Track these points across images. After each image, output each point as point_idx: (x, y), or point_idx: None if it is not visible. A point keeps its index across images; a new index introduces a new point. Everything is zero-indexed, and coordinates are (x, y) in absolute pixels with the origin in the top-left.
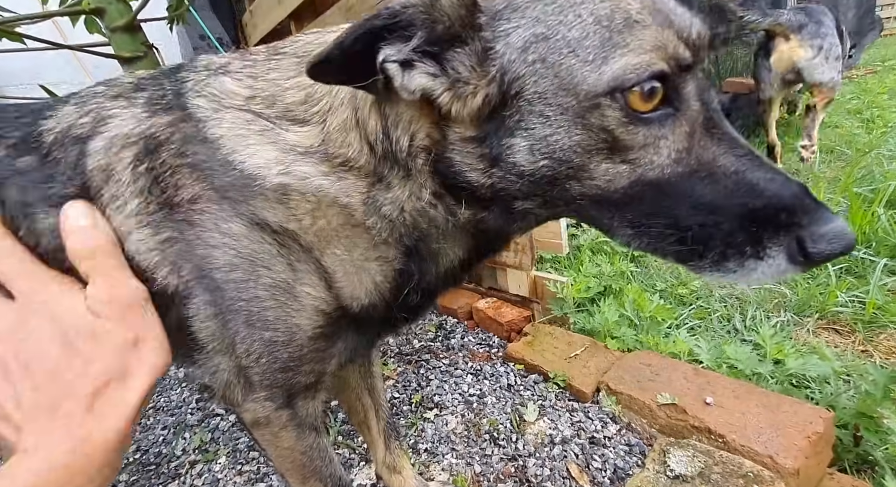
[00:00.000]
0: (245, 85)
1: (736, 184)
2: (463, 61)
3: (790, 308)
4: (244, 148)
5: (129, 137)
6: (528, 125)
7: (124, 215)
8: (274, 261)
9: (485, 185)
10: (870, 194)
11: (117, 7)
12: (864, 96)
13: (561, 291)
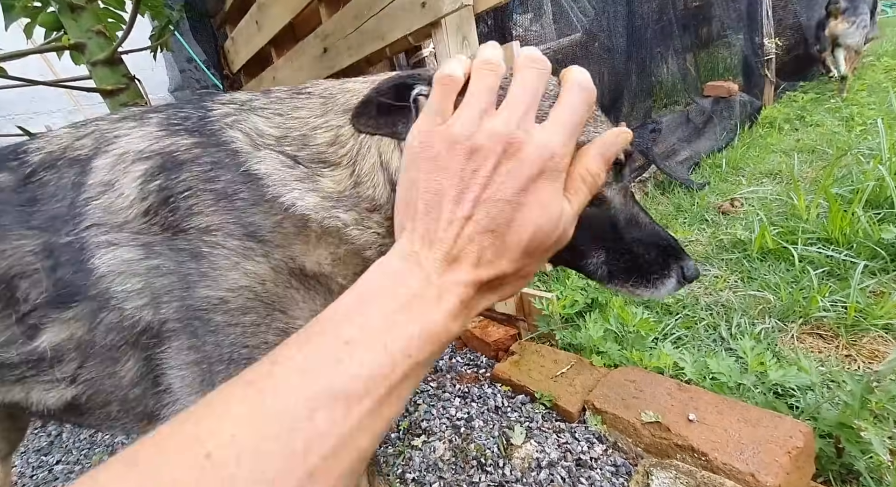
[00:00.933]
0: (274, 124)
1: (650, 230)
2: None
3: (774, 314)
4: (289, 191)
5: (142, 152)
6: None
7: (117, 227)
8: (293, 306)
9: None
10: (849, 195)
11: (97, 41)
12: (844, 93)
13: (547, 307)
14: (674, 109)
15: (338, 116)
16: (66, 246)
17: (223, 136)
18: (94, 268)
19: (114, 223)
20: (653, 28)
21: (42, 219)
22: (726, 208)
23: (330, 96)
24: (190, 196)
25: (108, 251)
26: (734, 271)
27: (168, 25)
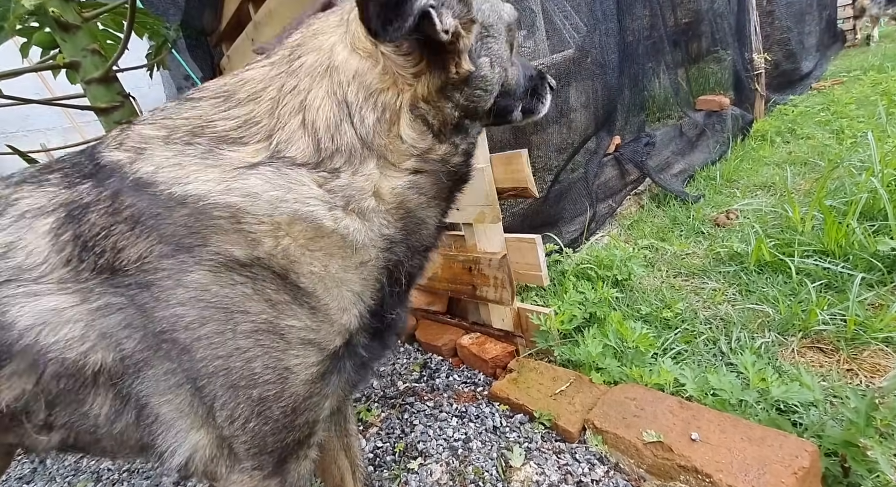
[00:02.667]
0: (160, 126)
1: (529, 65)
2: (456, 4)
3: (774, 328)
4: (179, 179)
5: (43, 208)
6: (489, 46)
7: (34, 281)
8: (250, 302)
9: (460, 105)
10: (843, 207)
11: (92, 60)
12: (833, 107)
13: (545, 323)
14: (666, 122)
15: (241, 107)
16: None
17: (107, 160)
18: (13, 322)
19: (28, 278)
20: (644, 44)
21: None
22: (722, 221)
23: (224, 94)
24: (108, 235)
25: (27, 303)
26: (732, 284)
27: (164, 44)
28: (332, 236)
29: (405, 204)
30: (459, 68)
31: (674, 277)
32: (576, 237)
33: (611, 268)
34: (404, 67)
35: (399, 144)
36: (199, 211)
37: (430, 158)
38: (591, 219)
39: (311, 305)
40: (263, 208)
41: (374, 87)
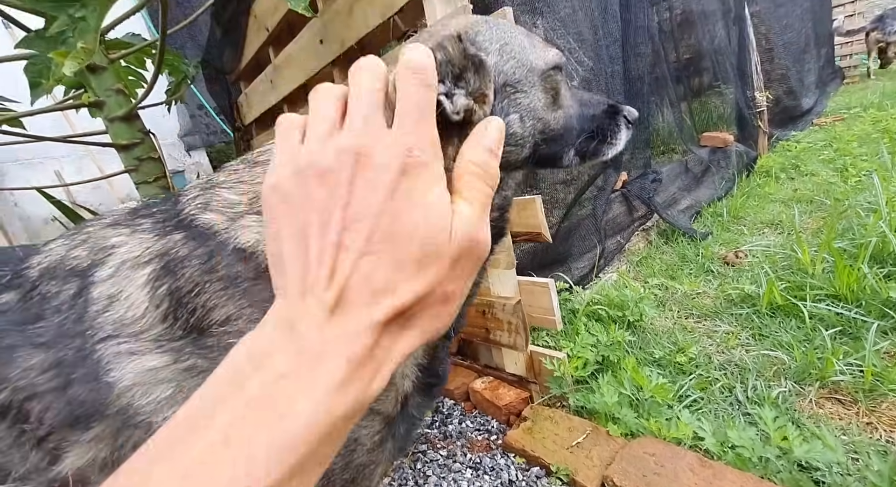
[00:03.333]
0: (240, 192)
1: (594, 101)
2: (471, 79)
3: (790, 376)
4: None
5: (140, 257)
6: (517, 102)
7: (135, 337)
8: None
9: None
10: (853, 249)
11: (116, 99)
12: (835, 144)
13: (558, 368)
14: (671, 157)
15: None
16: (79, 362)
17: (200, 221)
18: (114, 382)
19: (130, 333)
20: (648, 81)
21: (49, 336)
22: (731, 259)
23: None
24: (200, 293)
25: (129, 362)
26: (745, 328)
27: (184, 80)
28: None
29: None
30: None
31: (685, 318)
32: (585, 274)
33: (622, 308)
34: None
35: None
36: None
37: None
38: (600, 256)
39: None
40: None
41: None
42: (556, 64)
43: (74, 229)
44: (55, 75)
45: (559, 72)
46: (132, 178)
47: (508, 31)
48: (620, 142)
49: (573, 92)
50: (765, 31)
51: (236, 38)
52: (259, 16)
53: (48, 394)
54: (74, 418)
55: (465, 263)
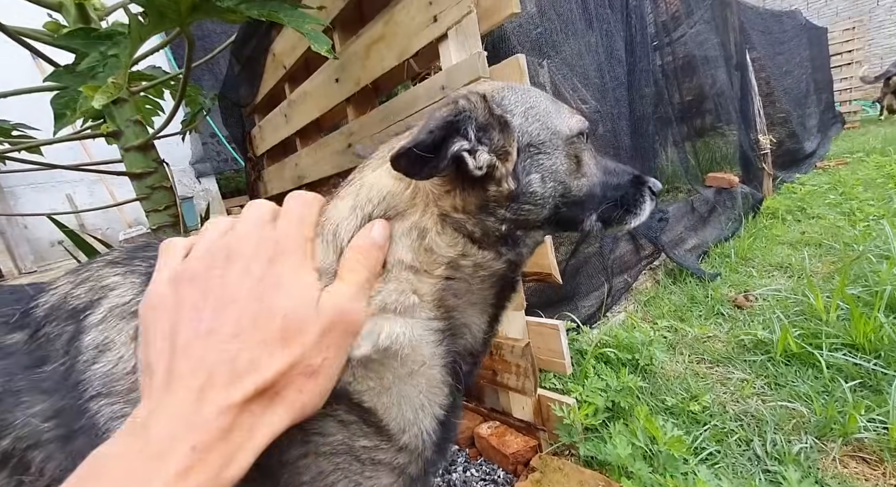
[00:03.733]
0: None
1: (619, 171)
2: (495, 137)
3: (810, 431)
4: None
5: (129, 305)
6: (539, 162)
7: (124, 396)
8: (324, 424)
9: (507, 219)
10: (867, 297)
11: (133, 130)
12: (840, 187)
13: (568, 415)
14: (676, 196)
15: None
16: (78, 413)
17: None
18: None
19: (120, 391)
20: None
21: (51, 381)
22: (741, 302)
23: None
24: None
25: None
26: (759, 376)
27: (200, 112)
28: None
29: (444, 302)
30: (500, 187)
31: (697, 363)
32: (593, 313)
33: (631, 351)
34: (438, 185)
35: (428, 255)
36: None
37: (462, 265)
38: (608, 294)
39: (378, 424)
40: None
41: (399, 207)
42: (581, 131)
43: (83, 265)
44: (82, 108)
45: (584, 139)
46: (143, 206)
47: (534, 97)
48: (645, 212)
49: (598, 160)
50: (765, 76)
51: (254, 73)
52: (277, 54)
53: (51, 444)
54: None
55: (334, 335)
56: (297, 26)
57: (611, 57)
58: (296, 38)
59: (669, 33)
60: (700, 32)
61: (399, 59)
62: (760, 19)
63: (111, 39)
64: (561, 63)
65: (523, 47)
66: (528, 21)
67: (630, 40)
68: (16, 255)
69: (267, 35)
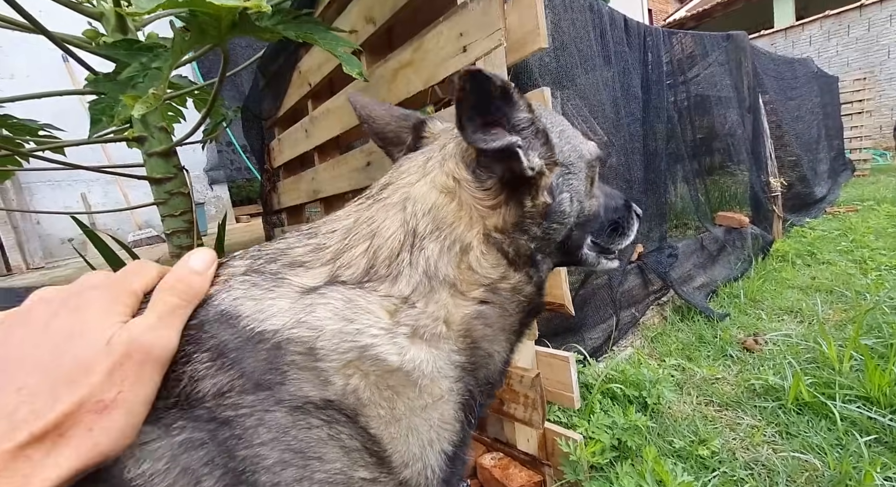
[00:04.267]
0: (248, 257)
1: (617, 195)
2: (541, 148)
3: (824, 485)
4: (259, 311)
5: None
6: (570, 182)
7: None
8: (325, 448)
9: (536, 238)
10: (882, 349)
11: (158, 136)
12: (851, 234)
13: (574, 451)
14: (685, 233)
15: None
16: None
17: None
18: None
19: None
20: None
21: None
22: (750, 345)
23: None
24: (188, 362)
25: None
26: (770, 423)
27: (221, 122)
28: (397, 373)
29: (471, 333)
30: (536, 201)
31: (705, 405)
32: (599, 345)
33: (638, 388)
34: (482, 199)
35: (470, 273)
36: (276, 346)
37: (501, 288)
38: (616, 327)
39: (380, 454)
40: (330, 342)
41: (446, 220)
42: (598, 156)
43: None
44: (120, 116)
45: (598, 164)
46: (159, 210)
47: (562, 120)
48: (633, 233)
49: (600, 184)
50: (776, 120)
51: (279, 88)
52: (304, 71)
53: None
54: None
55: (127, 366)
56: (331, 49)
57: (627, 93)
58: (323, 58)
59: (684, 72)
60: (714, 74)
61: (425, 84)
62: (773, 65)
63: (152, 51)
64: (574, 95)
65: (543, 79)
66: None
67: (646, 78)
68: (26, 250)
69: (295, 53)
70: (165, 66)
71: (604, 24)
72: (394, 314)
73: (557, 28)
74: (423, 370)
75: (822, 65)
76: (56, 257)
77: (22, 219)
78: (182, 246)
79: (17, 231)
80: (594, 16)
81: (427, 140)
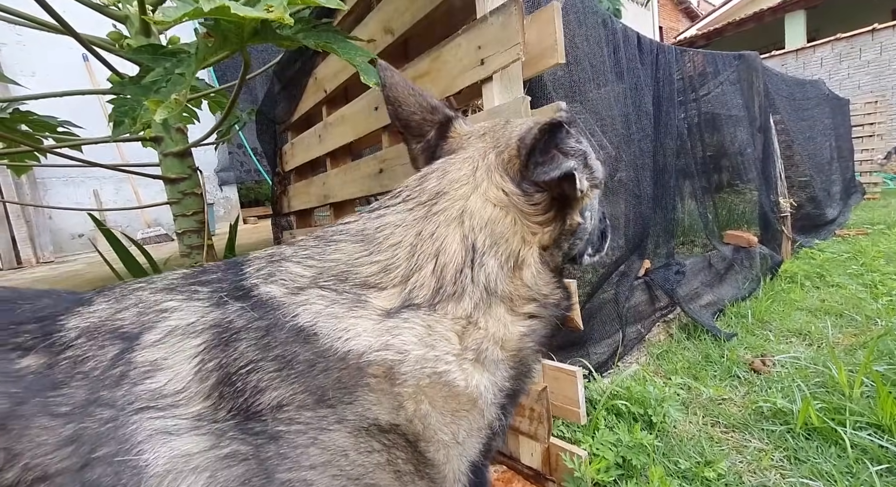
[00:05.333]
0: (307, 266)
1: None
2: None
3: None
4: (339, 333)
5: (193, 326)
6: (594, 204)
7: (172, 413)
8: (381, 474)
9: (564, 252)
10: (894, 376)
11: (174, 137)
12: (861, 258)
13: (578, 468)
14: (692, 250)
15: (382, 252)
16: (105, 436)
17: (261, 291)
18: (146, 465)
19: (167, 406)
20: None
21: (73, 403)
22: (758, 366)
23: (365, 238)
24: (252, 371)
25: (164, 442)
26: (778, 448)
27: (235, 124)
28: (462, 398)
29: (521, 352)
30: (572, 221)
31: (712, 426)
32: (604, 361)
33: (644, 405)
34: (533, 216)
35: (524, 289)
36: (356, 367)
37: (549, 303)
38: (622, 343)
39: (431, 477)
40: (411, 367)
41: (502, 235)
42: (604, 175)
43: (121, 290)
44: (142, 119)
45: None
46: (172, 209)
47: (587, 142)
48: (608, 243)
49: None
50: (787, 140)
51: (294, 94)
52: (319, 78)
53: (60, 476)
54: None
55: None
56: (350, 58)
57: (638, 109)
58: (339, 66)
59: (695, 90)
60: (725, 92)
61: (441, 95)
62: (785, 85)
63: (176, 57)
64: (585, 110)
65: (557, 93)
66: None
67: (657, 94)
68: (37, 244)
69: (311, 60)
70: (188, 71)
71: (617, 41)
72: (462, 339)
73: (571, 43)
74: (485, 396)
75: (833, 87)
76: (66, 252)
77: (35, 213)
78: (192, 246)
79: (29, 225)
80: (608, 32)
81: (453, 141)
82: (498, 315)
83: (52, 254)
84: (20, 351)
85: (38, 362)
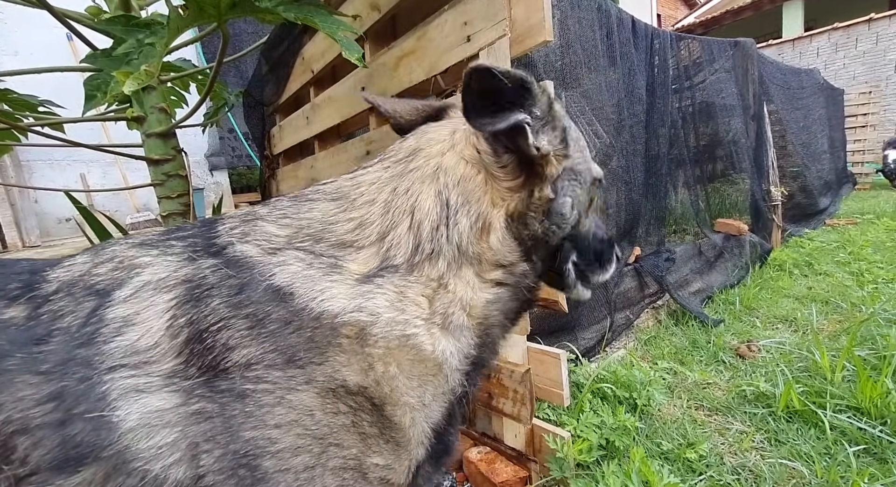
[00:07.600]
0: (282, 225)
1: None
2: (550, 136)
3: None
4: (314, 294)
5: (165, 281)
6: (573, 189)
7: (144, 370)
8: (345, 435)
9: (536, 234)
10: (874, 360)
11: (157, 116)
12: (849, 247)
13: (561, 448)
14: (683, 238)
15: (357, 209)
16: (82, 394)
17: (237, 250)
18: (118, 421)
19: (139, 363)
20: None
21: (53, 361)
22: (743, 351)
23: (339, 196)
24: (223, 328)
25: (136, 399)
26: (759, 429)
27: (223, 107)
28: (429, 362)
29: (487, 320)
30: (542, 193)
31: (695, 409)
32: (592, 346)
33: (629, 389)
34: (503, 180)
35: (491, 253)
36: (330, 327)
37: (515, 272)
38: (609, 328)
39: (396, 440)
40: (381, 328)
41: (473, 193)
42: (602, 178)
43: (100, 246)
44: (112, 91)
45: (599, 185)
46: (156, 192)
47: (577, 130)
48: (611, 270)
49: (595, 216)
50: (780, 130)
51: (281, 75)
52: (307, 58)
53: (41, 429)
54: (64, 459)
55: None
56: (331, 32)
57: (631, 95)
58: (326, 45)
59: (690, 78)
60: (720, 80)
61: (428, 74)
62: (780, 74)
63: (149, 28)
64: (579, 96)
65: (548, 76)
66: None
67: (651, 80)
68: (22, 228)
69: (298, 39)
70: (160, 43)
71: (611, 24)
72: (432, 303)
73: (564, 26)
74: (450, 361)
75: (828, 77)
76: (53, 237)
77: (20, 197)
78: None
79: (14, 209)
80: (601, 15)
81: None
82: (467, 278)
83: (39, 238)
84: (6, 301)
85: (20, 313)
